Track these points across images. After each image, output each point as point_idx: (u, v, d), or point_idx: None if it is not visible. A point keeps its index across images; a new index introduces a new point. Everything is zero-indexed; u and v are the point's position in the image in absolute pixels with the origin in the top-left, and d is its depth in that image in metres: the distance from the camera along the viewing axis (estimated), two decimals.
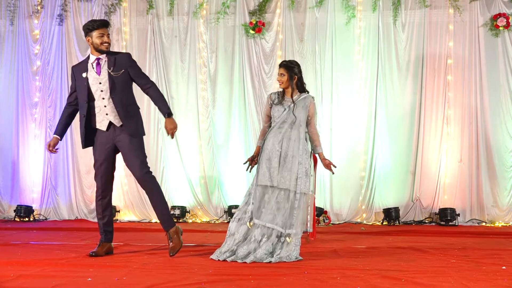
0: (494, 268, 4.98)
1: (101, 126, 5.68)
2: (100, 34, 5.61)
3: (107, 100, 5.59)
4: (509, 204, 8.85)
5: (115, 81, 5.58)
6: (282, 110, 5.66)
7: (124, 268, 4.96)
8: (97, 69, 5.62)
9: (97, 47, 5.61)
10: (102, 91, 5.60)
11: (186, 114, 9.52)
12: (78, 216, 9.54)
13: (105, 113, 5.62)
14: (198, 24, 9.52)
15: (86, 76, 5.63)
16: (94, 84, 5.61)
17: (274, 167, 5.55)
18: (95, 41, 5.60)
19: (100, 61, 5.63)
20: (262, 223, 5.47)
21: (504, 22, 8.84)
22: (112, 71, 5.58)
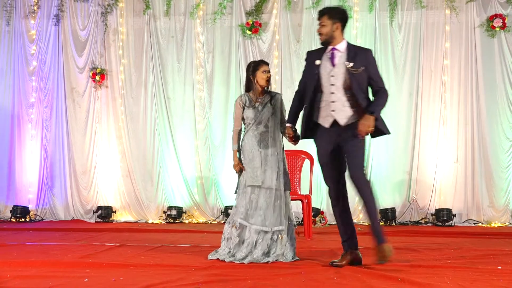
0: (490, 268, 4.98)
1: (323, 122, 5.17)
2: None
3: (337, 96, 5.11)
4: (505, 205, 8.86)
5: (352, 78, 5.08)
6: (256, 111, 5.64)
7: (121, 269, 4.95)
8: (331, 60, 5.18)
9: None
10: (333, 85, 5.14)
11: (183, 115, 9.52)
12: (74, 217, 9.53)
13: (331, 110, 5.13)
14: (194, 24, 9.52)
15: (319, 64, 5.19)
16: (326, 75, 5.17)
17: (257, 167, 5.55)
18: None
19: (335, 51, 5.21)
20: (255, 226, 5.48)
21: (500, 23, 8.86)
22: (352, 67, 5.08)
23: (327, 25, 5.23)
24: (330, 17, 5.23)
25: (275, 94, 5.77)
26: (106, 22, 9.63)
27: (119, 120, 9.59)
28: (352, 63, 5.10)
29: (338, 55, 5.17)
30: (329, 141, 5.15)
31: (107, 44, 9.67)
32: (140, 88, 9.60)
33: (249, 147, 5.60)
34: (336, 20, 5.22)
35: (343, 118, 5.09)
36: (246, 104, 5.68)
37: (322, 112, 5.15)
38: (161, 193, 9.49)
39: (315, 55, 5.31)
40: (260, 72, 5.66)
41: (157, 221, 9.35)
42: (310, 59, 5.32)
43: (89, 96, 9.67)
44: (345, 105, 5.10)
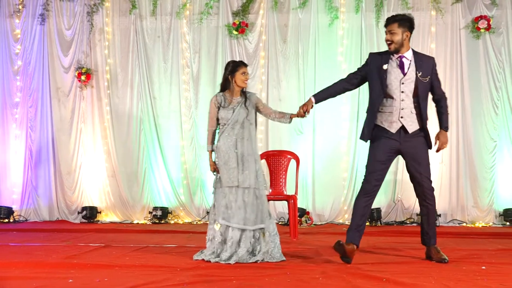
0: (474, 268, 5.02)
1: (390, 128, 5.33)
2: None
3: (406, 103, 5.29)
4: (489, 205, 8.91)
5: (421, 86, 5.30)
6: (231, 111, 5.64)
7: (105, 269, 4.94)
8: (400, 67, 5.31)
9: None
10: (403, 92, 5.31)
11: (169, 115, 9.50)
12: (59, 217, 9.48)
13: (400, 116, 5.30)
14: (181, 24, 9.50)
15: (387, 69, 5.32)
16: (395, 82, 5.33)
17: (233, 167, 5.56)
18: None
19: (404, 59, 5.32)
20: (236, 225, 5.48)
21: (485, 24, 8.91)
22: (421, 76, 5.28)
23: (397, 33, 5.32)
24: (400, 25, 5.34)
25: (250, 95, 5.80)
26: (92, 21, 9.58)
27: (105, 120, 9.55)
28: (421, 72, 5.29)
29: (407, 63, 5.32)
30: (388, 145, 5.34)
31: (93, 44, 9.63)
32: (126, 88, 9.56)
33: (225, 148, 5.60)
34: (405, 29, 5.33)
35: (410, 125, 5.31)
36: (221, 104, 5.69)
37: (389, 117, 5.33)
38: (146, 194, 9.46)
39: (380, 59, 5.41)
40: (239, 73, 5.68)
41: (143, 221, 9.32)
42: (376, 63, 5.42)
43: (74, 96, 9.62)
44: (412, 112, 5.32)
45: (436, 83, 5.46)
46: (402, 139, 5.33)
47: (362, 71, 5.52)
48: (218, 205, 5.59)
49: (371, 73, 5.42)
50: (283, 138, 9.26)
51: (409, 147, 5.35)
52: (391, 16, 5.44)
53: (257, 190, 5.59)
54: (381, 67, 5.34)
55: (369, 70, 5.43)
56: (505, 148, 8.98)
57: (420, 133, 5.39)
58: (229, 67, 5.73)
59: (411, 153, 5.38)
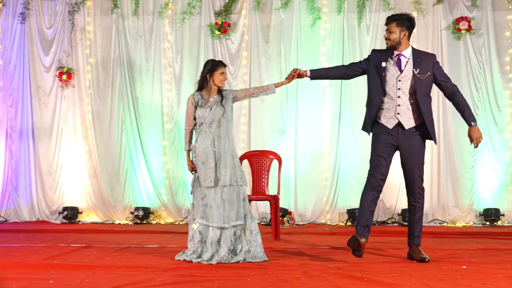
0: (455, 267, 5.06)
1: (387, 123, 5.47)
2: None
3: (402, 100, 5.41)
4: (469, 205, 8.98)
5: (418, 83, 5.40)
6: (208, 110, 5.66)
7: (86, 270, 4.91)
8: (398, 65, 5.46)
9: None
10: (399, 89, 5.43)
11: (151, 115, 9.46)
12: (39, 218, 9.40)
13: (397, 113, 5.43)
14: (163, 24, 9.47)
15: (386, 66, 5.47)
16: (392, 79, 5.45)
17: (211, 167, 5.58)
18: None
19: (401, 57, 5.46)
20: (215, 224, 5.48)
21: (466, 25, 8.98)
22: (419, 73, 5.40)
23: (395, 32, 5.48)
24: (398, 24, 5.50)
25: (225, 93, 5.82)
26: (73, 20, 9.52)
27: (86, 120, 9.49)
28: (418, 69, 5.41)
29: (404, 61, 5.45)
30: (390, 140, 5.46)
31: (74, 43, 9.56)
32: (108, 88, 9.51)
33: (203, 148, 5.61)
34: (404, 28, 5.50)
35: (407, 121, 5.41)
36: (198, 103, 5.69)
37: (387, 113, 5.47)
38: (128, 194, 9.41)
39: (380, 56, 5.56)
40: (218, 73, 5.70)
41: (124, 221, 9.28)
42: (376, 59, 5.58)
43: (55, 95, 9.55)
44: (409, 109, 5.42)
45: (442, 78, 5.57)
46: (400, 135, 5.45)
47: (363, 65, 5.69)
48: (196, 204, 5.60)
49: (371, 69, 5.59)
50: (265, 138, 9.27)
51: (406, 144, 5.47)
52: (391, 15, 5.64)
53: (236, 187, 5.60)
54: (380, 64, 5.51)
55: (370, 66, 5.60)
56: (486, 148, 9.04)
57: (417, 131, 5.48)
58: (208, 66, 5.74)
59: (407, 150, 5.49)
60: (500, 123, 9.07)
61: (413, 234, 5.56)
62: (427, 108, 5.48)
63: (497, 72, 9.09)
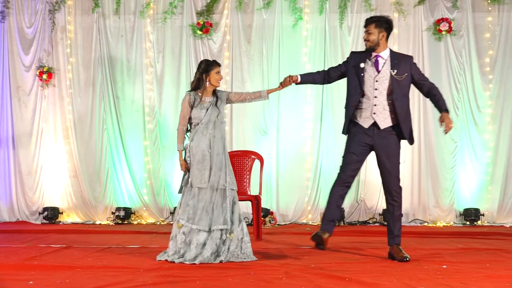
0: (436, 267, 5.09)
1: (363, 123, 5.55)
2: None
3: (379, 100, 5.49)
4: (450, 205, 9.04)
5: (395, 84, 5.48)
6: (204, 111, 5.64)
7: (67, 271, 4.88)
8: (375, 65, 5.54)
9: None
10: (376, 89, 5.51)
11: (132, 115, 9.42)
12: (19, 218, 9.33)
13: (373, 112, 5.51)
14: (145, 23, 9.43)
15: (364, 67, 5.56)
16: (370, 79, 5.54)
17: (206, 168, 5.56)
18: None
19: (379, 58, 5.55)
20: (202, 227, 5.47)
21: (447, 26, 9.04)
22: (396, 74, 5.48)
23: (374, 33, 5.57)
24: (377, 26, 5.59)
25: (220, 94, 5.83)
26: (54, 19, 9.45)
27: (67, 119, 9.42)
28: (396, 70, 5.50)
29: (382, 62, 5.55)
30: (363, 139, 5.56)
31: (55, 42, 9.49)
32: (89, 87, 9.45)
33: (200, 149, 5.59)
34: (382, 29, 5.58)
35: (383, 121, 5.49)
36: (194, 103, 5.65)
37: (363, 113, 5.55)
38: (109, 194, 9.36)
39: (359, 58, 5.67)
40: (214, 73, 5.70)
41: (105, 222, 9.23)
42: (355, 61, 5.68)
43: (35, 95, 9.47)
44: (385, 109, 5.51)
45: (421, 77, 5.70)
46: (376, 135, 5.53)
47: (342, 67, 5.80)
48: (184, 204, 5.57)
49: (350, 70, 5.69)
50: (247, 138, 9.27)
51: (382, 144, 5.55)
52: (370, 17, 5.74)
53: (227, 191, 5.59)
54: (359, 65, 5.61)
55: (349, 67, 5.70)
56: (466, 149, 9.12)
57: (393, 131, 5.55)
58: (202, 65, 5.72)
59: (383, 150, 5.56)
60: (480, 123, 9.15)
61: (393, 234, 5.60)
62: (404, 109, 5.55)
63: (477, 73, 9.17)
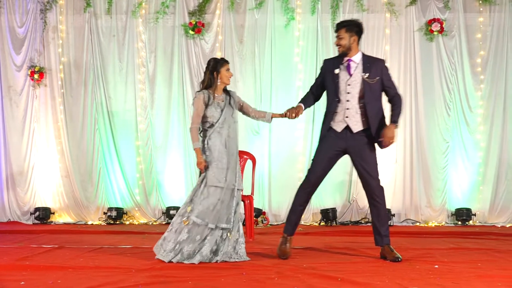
0: (427, 267, 5.11)
1: (336, 127, 5.59)
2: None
3: (351, 103, 5.53)
4: (441, 205, 9.07)
5: (367, 87, 5.51)
6: (220, 110, 5.61)
7: (59, 271, 4.87)
8: (348, 69, 5.57)
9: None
10: (348, 93, 5.53)
11: (124, 114, 9.40)
12: (10, 218, 9.30)
13: (345, 116, 5.54)
14: (136, 23, 9.41)
15: (338, 73, 5.58)
16: (343, 84, 5.56)
17: (224, 168, 5.54)
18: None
19: (351, 62, 5.58)
20: (211, 225, 5.44)
21: (438, 27, 9.07)
22: (368, 77, 5.51)
23: (345, 38, 5.62)
24: (347, 30, 5.63)
25: (232, 93, 5.82)
26: (45, 19, 9.41)
27: (58, 119, 9.39)
28: (367, 74, 5.52)
29: (354, 66, 5.57)
30: (335, 144, 5.59)
31: (46, 42, 9.46)
32: (80, 87, 9.42)
33: (218, 148, 5.55)
34: (353, 33, 5.62)
35: (355, 125, 5.52)
36: (208, 102, 5.61)
37: (336, 117, 5.58)
38: (101, 194, 9.34)
39: (332, 64, 5.71)
40: (224, 70, 5.69)
41: (97, 222, 9.21)
42: (328, 68, 5.72)
43: (27, 95, 9.44)
44: (357, 112, 5.54)
45: (389, 84, 5.67)
46: (349, 138, 5.56)
47: (319, 79, 5.86)
48: (196, 202, 5.47)
49: (326, 78, 5.72)
50: (239, 138, 9.22)
51: (355, 146, 5.56)
52: (340, 22, 5.78)
53: (235, 191, 5.59)
54: (333, 72, 5.63)
55: (324, 76, 5.74)
56: (457, 149, 9.15)
57: (365, 134, 5.57)
58: (211, 63, 5.69)
59: (357, 152, 5.59)
60: (472, 124, 9.18)
61: (381, 234, 5.62)
62: (374, 112, 5.57)
63: (469, 73, 9.20)
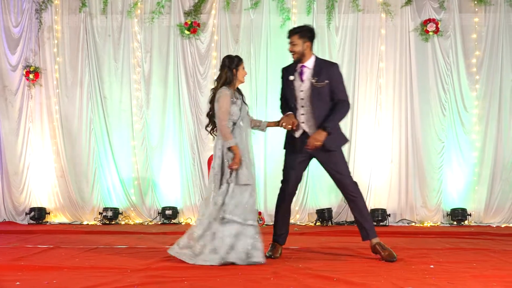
0: (423, 267, 5.11)
1: (295, 133, 5.68)
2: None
3: (305, 109, 5.59)
4: (437, 205, 9.08)
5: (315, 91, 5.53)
6: (239, 107, 5.57)
7: (54, 271, 4.86)
8: (300, 75, 5.61)
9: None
10: (302, 99, 5.59)
11: (120, 114, 9.38)
12: (6, 219, 9.28)
13: (301, 121, 5.61)
14: (132, 23, 9.39)
15: (293, 80, 5.65)
16: (297, 90, 5.62)
17: (250, 165, 5.58)
18: None
19: (304, 68, 5.61)
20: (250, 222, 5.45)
21: (434, 27, 9.08)
22: (316, 81, 5.52)
23: (298, 44, 5.62)
24: (300, 37, 5.63)
25: (242, 92, 5.78)
26: (41, 19, 9.39)
27: (54, 119, 9.37)
28: (316, 78, 5.54)
29: (307, 72, 5.61)
30: (299, 149, 5.65)
31: (42, 42, 9.44)
32: (76, 87, 9.41)
33: (242, 146, 5.53)
34: (306, 39, 5.63)
35: (310, 129, 5.58)
36: (233, 99, 5.56)
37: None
38: (96, 194, 9.32)
39: (288, 72, 5.75)
40: (241, 68, 5.66)
41: (93, 222, 9.19)
42: (285, 76, 5.78)
43: (22, 94, 9.42)
44: (312, 117, 5.57)
45: (339, 87, 5.65)
46: (305, 142, 5.57)
47: (282, 91, 5.90)
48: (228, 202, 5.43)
49: (284, 87, 5.81)
50: None
51: (317, 150, 5.57)
52: (292, 29, 5.77)
53: (254, 187, 5.61)
54: (289, 79, 5.69)
55: (284, 85, 5.82)
56: (453, 149, 9.16)
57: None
58: (228, 61, 5.58)
59: (321, 156, 5.66)
60: (467, 124, 9.19)
61: (365, 228, 5.64)
62: (323, 115, 5.55)
63: (464, 73, 9.21)
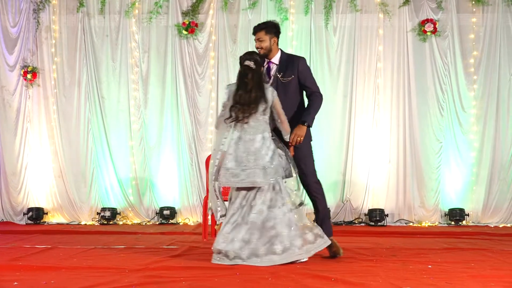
0: (421, 267, 5.11)
1: None
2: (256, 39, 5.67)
3: None
4: (435, 205, 9.08)
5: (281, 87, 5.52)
6: None
7: (52, 271, 4.85)
8: (267, 72, 5.61)
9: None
10: None
11: (117, 114, 9.38)
12: (3, 219, 9.27)
13: None
14: (130, 23, 9.39)
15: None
16: None
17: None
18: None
19: (271, 64, 5.62)
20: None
21: (432, 27, 9.09)
22: (282, 76, 5.53)
23: (265, 40, 5.63)
24: (267, 32, 5.64)
25: None
26: (38, 19, 9.38)
27: (51, 119, 9.37)
28: (282, 73, 5.55)
29: (274, 68, 5.61)
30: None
31: (39, 42, 9.43)
32: (74, 87, 9.40)
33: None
34: (272, 35, 5.65)
35: None
36: None
37: None
38: (94, 194, 9.32)
39: None
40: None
41: (90, 222, 9.18)
42: None
43: (20, 95, 9.41)
44: None
45: (306, 81, 5.64)
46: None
47: None
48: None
49: None
50: None
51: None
52: (257, 25, 5.77)
53: None
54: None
55: None
56: (450, 149, 9.17)
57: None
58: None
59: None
60: (465, 124, 9.20)
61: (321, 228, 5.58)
62: (291, 111, 5.52)
63: (462, 73, 9.22)
